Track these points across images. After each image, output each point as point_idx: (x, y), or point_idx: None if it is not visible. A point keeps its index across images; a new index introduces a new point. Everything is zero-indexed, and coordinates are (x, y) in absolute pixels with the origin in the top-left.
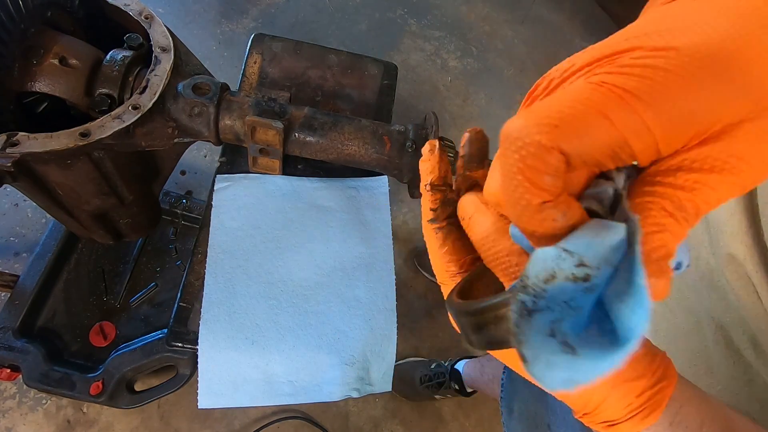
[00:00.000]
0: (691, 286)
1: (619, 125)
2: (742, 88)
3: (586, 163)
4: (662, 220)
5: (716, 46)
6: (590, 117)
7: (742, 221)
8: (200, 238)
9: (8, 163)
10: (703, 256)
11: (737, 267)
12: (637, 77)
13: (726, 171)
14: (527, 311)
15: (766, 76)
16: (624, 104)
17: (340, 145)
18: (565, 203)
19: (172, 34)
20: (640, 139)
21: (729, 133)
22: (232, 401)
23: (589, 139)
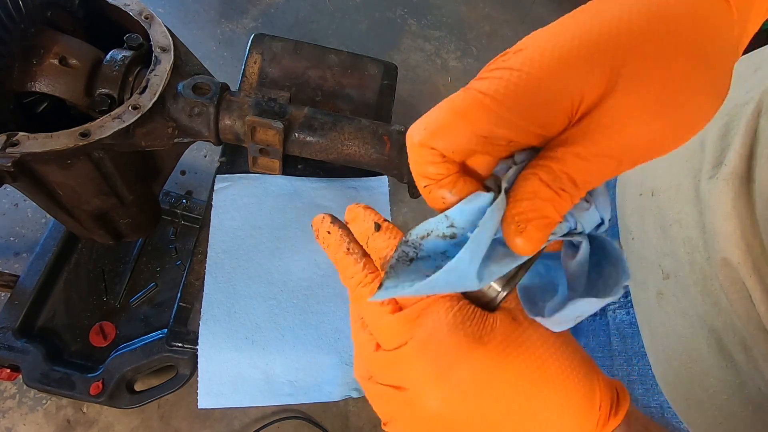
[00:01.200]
0: (685, 290)
1: (475, 122)
2: (589, 70)
3: (459, 153)
4: (536, 188)
5: (585, 30)
6: (451, 119)
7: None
8: (200, 238)
9: (8, 163)
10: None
11: (731, 271)
12: (492, 79)
13: (591, 142)
14: (408, 259)
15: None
16: (480, 106)
17: (340, 145)
18: (449, 184)
19: (172, 34)
20: (503, 127)
21: (591, 111)
22: (232, 401)
23: (450, 136)
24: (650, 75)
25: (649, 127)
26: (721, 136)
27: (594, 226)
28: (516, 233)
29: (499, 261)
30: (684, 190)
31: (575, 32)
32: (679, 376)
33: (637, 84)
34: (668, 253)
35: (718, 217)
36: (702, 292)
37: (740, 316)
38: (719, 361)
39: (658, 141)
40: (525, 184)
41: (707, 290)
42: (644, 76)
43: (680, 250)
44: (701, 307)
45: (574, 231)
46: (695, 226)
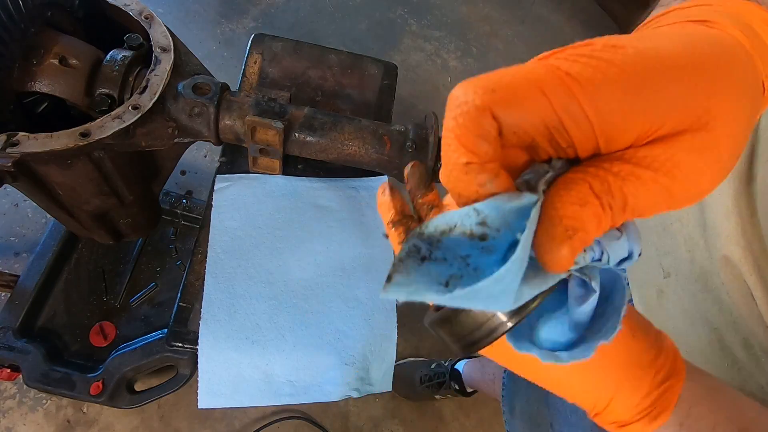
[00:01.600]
0: (686, 288)
1: (555, 104)
2: (686, 99)
3: (518, 136)
4: (585, 197)
5: (669, 54)
6: (528, 89)
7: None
8: (200, 238)
9: (8, 163)
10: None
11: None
12: (582, 64)
13: (661, 171)
14: (420, 256)
15: (708, 96)
16: (563, 85)
17: (340, 145)
18: (492, 171)
19: (172, 34)
20: (576, 125)
21: (670, 139)
22: (232, 401)
23: (522, 110)
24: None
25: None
26: None
27: (619, 260)
28: (563, 240)
29: (529, 282)
30: None
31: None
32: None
33: (726, 126)
34: (669, 252)
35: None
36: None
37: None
38: (720, 358)
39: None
40: (574, 187)
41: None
42: (731, 119)
43: (681, 248)
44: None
45: (598, 261)
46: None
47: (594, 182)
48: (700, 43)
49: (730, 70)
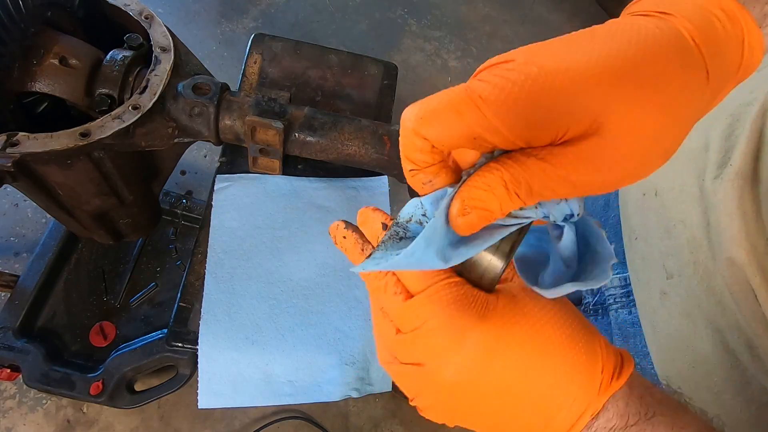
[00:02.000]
0: (689, 290)
1: (468, 122)
2: (579, 110)
3: (447, 146)
4: (493, 184)
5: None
6: (446, 112)
7: (743, 225)
8: (200, 238)
9: (8, 163)
10: (702, 260)
11: (736, 271)
12: (492, 85)
13: (560, 167)
14: (398, 237)
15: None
16: (475, 106)
17: (340, 145)
18: (432, 173)
19: (172, 34)
20: (492, 135)
21: (574, 141)
22: (232, 401)
23: (444, 128)
24: (632, 124)
25: (613, 174)
26: (725, 136)
27: (563, 217)
28: (459, 213)
29: (469, 243)
30: (688, 190)
31: (574, 60)
32: (682, 376)
33: (620, 132)
34: (672, 253)
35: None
36: (706, 292)
37: (745, 316)
38: (724, 360)
39: (612, 185)
40: (485, 175)
41: (712, 290)
42: (626, 125)
43: (684, 250)
44: (706, 307)
45: (546, 218)
46: (699, 226)
47: (505, 173)
48: (624, 49)
49: (639, 76)
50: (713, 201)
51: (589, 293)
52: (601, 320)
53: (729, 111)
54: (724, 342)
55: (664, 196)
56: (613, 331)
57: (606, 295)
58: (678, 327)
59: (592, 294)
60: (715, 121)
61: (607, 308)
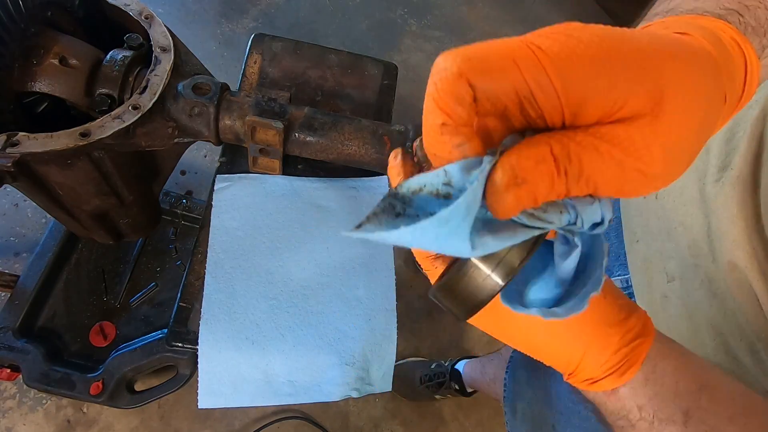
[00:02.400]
0: (690, 293)
1: (525, 74)
2: (644, 82)
3: (491, 103)
4: (543, 155)
5: (636, 39)
6: (502, 60)
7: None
8: (200, 238)
9: (8, 163)
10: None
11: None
12: (553, 40)
13: (619, 147)
14: (394, 212)
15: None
16: (534, 59)
17: (340, 145)
18: (465, 134)
19: (172, 34)
20: (545, 96)
21: (630, 120)
22: (232, 401)
23: (495, 78)
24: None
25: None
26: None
27: (592, 224)
28: (510, 184)
29: (495, 234)
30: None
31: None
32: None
33: (675, 116)
34: (673, 256)
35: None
36: (708, 295)
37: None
38: (725, 363)
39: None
40: (535, 146)
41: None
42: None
43: (685, 253)
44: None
45: (573, 225)
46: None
47: (555, 146)
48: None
49: (691, 66)
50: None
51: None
52: None
53: None
54: (726, 345)
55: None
56: None
57: None
58: (679, 330)
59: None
60: None
61: None
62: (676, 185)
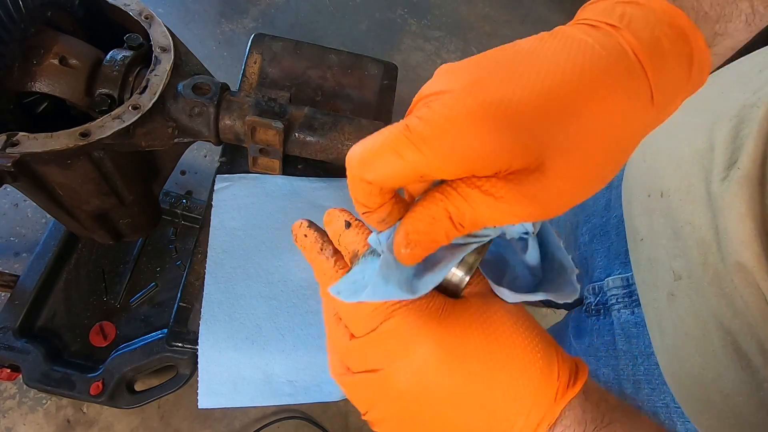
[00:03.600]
0: (698, 292)
1: (409, 162)
2: (519, 146)
3: (392, 186)
4: (438, 216)
5: (514, 100)
6: (387, 155)
7: (752, 229)
8: (200, 238)
9: (8, 163)
10: (711, 262)
11: (746, 275)
12: (426, 122)
13: (504, 200)
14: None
15: (543, 141)
16: (412, 146)
17: (340, 145)
18: (385, 211)
19: (172, 34)
20: (434, 171)
21: (518, 173)
22: (232, 401)
23: (387, 171)
24: (575, 159)
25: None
26: (731, 137)
27: (519, 235)
28: (404, 246)
29: (432, 269)
30: (695, 192)
31: (515, 91)
32: (691, 378)
33: (562, 169)
34: (680, 255)
35: (732, 220)
36: (716, 294)
37: (756, 319)
38: (734, 363)
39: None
40: (429, 206)
41: (722, 292)
42: (569, 162)
43: (693, 252)
44: (716, 309)
45: (503, 236)
46: (708, 228)
47: (450, 206)
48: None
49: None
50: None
51: (592, 293)
52: (604, 320)
53: (733, 112)
54: (735, 344)
55: (671, 198)
56: (616, 332)
57: (608, 296)
58: (687, 329)
59: (594, 294)
60: (719, 123)
61: (610, 308)
62: (683, 184)
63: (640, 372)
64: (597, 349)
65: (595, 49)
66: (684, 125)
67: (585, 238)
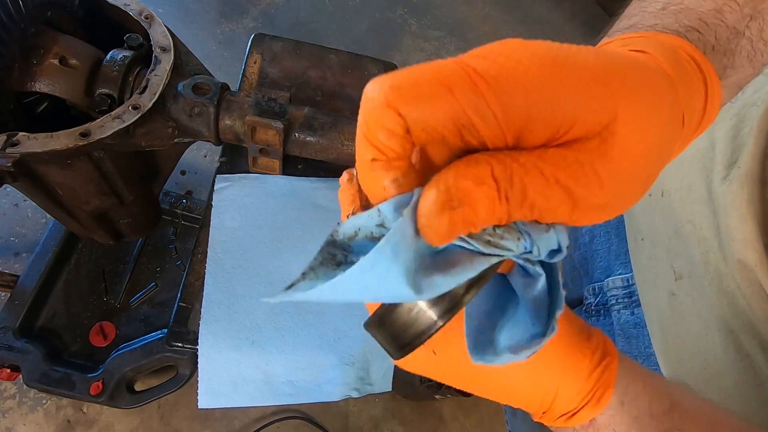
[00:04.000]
0: (700, 290)
1: (462, 101)
2: (592, 103)
3: (427, 133)
4: (483, 177)
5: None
6: (435, 86)
7: (753, 228)
8: (200, 238)
9: (8, 163)
10: (712, 261)
11: (748, 273)
12: (491, 62)
13: (565, 172)
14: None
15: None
16: (470, 83)
17: (340, 145)
18: (399, 169)
19: (172, 34)
20: (485, 123)
21: (578, 143)
22: (232, 401)
23: (428, 107)
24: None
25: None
26: (731, 136)
27: (549, 252)
28: (443, 209)
29: (446, 270)
30: (696, 191)
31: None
32: (692, 377)
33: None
34: (681, 254)
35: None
36: (718, 293)
37: (758, 317)
38: (736, 362)
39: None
40: (474, 165)
41: (723, 290)
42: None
43: (694, 251)
44: (717, 308)
45: (529, 253)
46: (709, 227)
47: (497, 167)
48: (620, 59)
49: (645, 85)
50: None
51: (592, 294)
52: (604, 321)
53: (733, 111)
54: (736, 343)
55: (672, 197)
56: (616, 332)
57: (608, 296)
58: (688, 328)
59: (594, 294)
60: (720, 122)
61: (610, 309)
62: (684, 183)
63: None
64: None
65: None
66: None
67: (585, 238)
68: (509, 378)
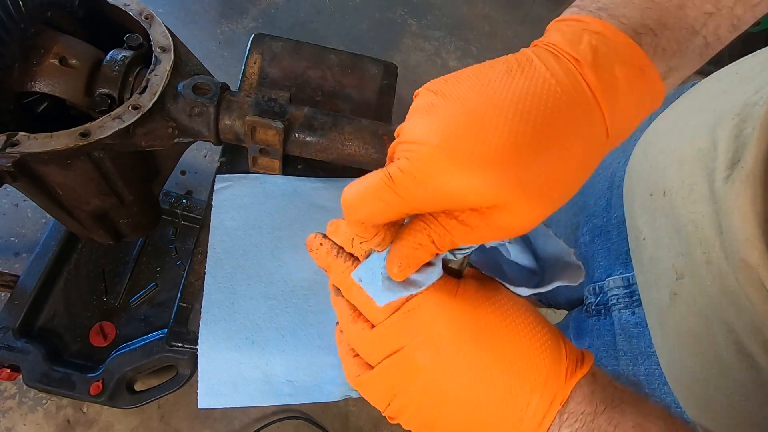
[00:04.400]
0: (701, 290)
1: (391, 204)
2: (486, 192)
3: (377, 222)
4: (423, 242)
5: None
6: (372, 200)
7: (756, 227)
8: (200, 238)
9: (8, 163)
10: (714, 261)
11: (750, 272)
12: (402, 171)
13: (477, 229)
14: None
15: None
16: (392, 192)
17: (340, 145)
18: (379, 237)
19: (172, 34)
20: (414, 211)
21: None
22: (232, 401)
23: (374, 212)
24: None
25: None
26: (733, 136)
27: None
28: (396, 267)
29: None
30: (698, 190)
31: (480, 141)
32: (693, 377)
33: (523, 207)
34: (683, 253)
35: (736, 218)
36: (720, 292)
37: (761, 317)
38: (738, 362)
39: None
40: (414, 234)
41: (726, 290)
42: (529, 201)
43: (696, 251)
44: (719, 307)
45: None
46: (711, 227)
47: (433, 233)
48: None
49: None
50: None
51: (592, 294)
52: (604, 321)
53: (735, 111)
54: (739, 343)
55: (674, 196)
56: (617, 332)
57: (609, 296)
58: (690, 328)
59: (594, 294)
60: (722, 121)
61: (610, 309)
62: (685, 182)
63: (641, 372)
64: (597, 350)
65: (557, 94)
66: (686, 124)
67: (586, 238)
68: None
